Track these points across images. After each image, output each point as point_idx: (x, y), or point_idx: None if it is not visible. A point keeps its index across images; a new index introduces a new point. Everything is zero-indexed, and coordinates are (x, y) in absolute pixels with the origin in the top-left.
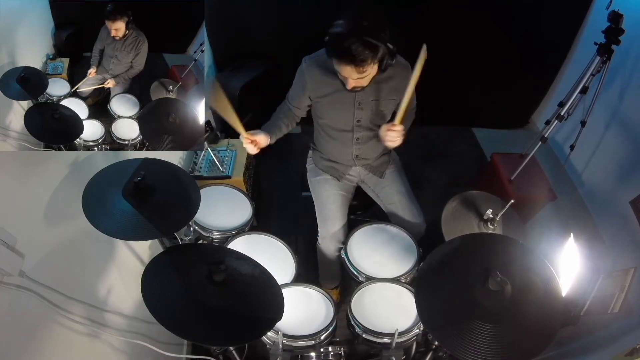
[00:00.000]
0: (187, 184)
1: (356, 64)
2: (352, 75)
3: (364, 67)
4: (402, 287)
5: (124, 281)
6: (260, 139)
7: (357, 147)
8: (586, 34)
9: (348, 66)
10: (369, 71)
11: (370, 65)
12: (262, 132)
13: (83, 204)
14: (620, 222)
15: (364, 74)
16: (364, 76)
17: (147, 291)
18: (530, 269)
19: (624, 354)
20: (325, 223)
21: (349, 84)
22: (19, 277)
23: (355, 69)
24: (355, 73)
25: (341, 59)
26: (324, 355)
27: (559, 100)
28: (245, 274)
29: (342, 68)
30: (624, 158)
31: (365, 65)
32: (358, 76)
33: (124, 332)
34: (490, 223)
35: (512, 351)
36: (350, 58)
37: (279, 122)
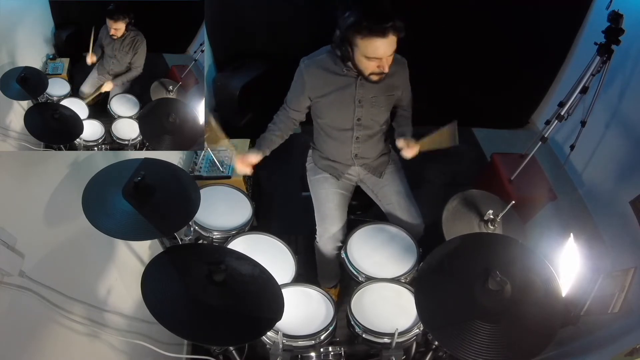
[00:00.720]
0: (187, 184)
1: (396, 29)
2: (389, 50)
3: (399, 36)
4: (402, 287)
5: (124, 281)
6: (251, 159)
7: (356, 145)
8: (586, 34)
9: (388, 37)
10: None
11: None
12: (252, 153)
13: (83, 204)
14: (620, 222)
15: (395, 44)
16: (393, 53)
17: (147, 291)
18: (530, 269)
19: (624, 354)
20: (323, 222)
21: (386, 65)
22: (19, 277)
23: (394, 34)
24: (392, 45)
25: (379, 32)
26: (324, 355)
27: (559, 100)
28: (245, 274)
29: (380, 45)
30: (624, 158)
31: (400, 28)
32: (393, 48)
33: (124, 332)
34: (490, 223)
35: (512, 351)
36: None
37: (272, 137)
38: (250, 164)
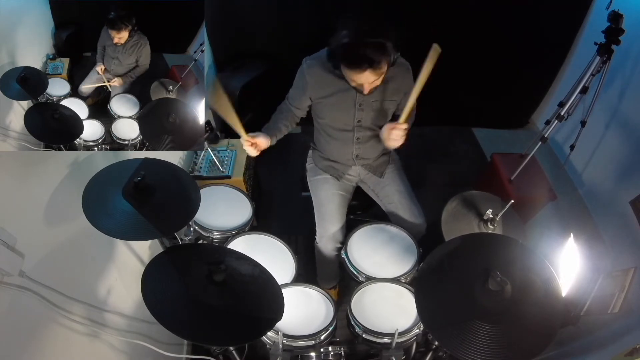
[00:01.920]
0: (187, 184)
1: (374, 68)
2: (369, 80)
3: (380, 69)
4: (402, 287)
5: (124, 281)
6: (260, 141)
7: (357, 146)
8: (586, 34)
9: (365, 72)
10: (383, 71)
11: (384, 65)
12: (262, 135)
13: (83, 204)
14: (620, 222)
15: (378, 74)
16: (380, 76)
17: (147, 291)
18: (530, 269)
19: (624, 354)
20: (323, 222)
21: (365, 89)
22: (19, 277)
23: (372, 72)
24: (372, 76)
25: (359, 67)
26: (324, 355)
27: (559, 100)
28: (245, 274)
29: (358, 76)
30: (624, 158)
31: (382, 65)
32: (374, 79)
33: (124, 332)
34: (490, 223)
35: (512, 351)
36: (369, 63)
37: (279, 124)
38: (259, 146)
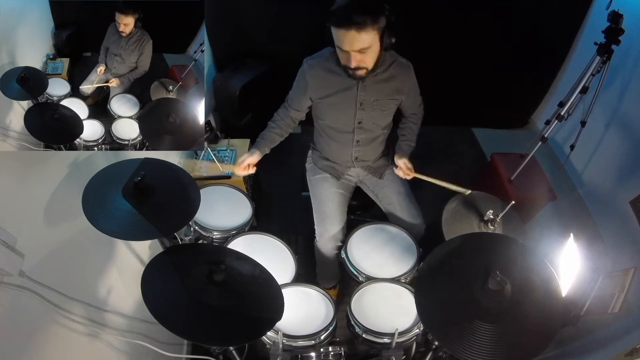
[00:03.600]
0: (187, 184)
1: (359, 28)
2: (354, 45)
3: (365, 30)
4: (402, 287)
5: (124, 281)
6: (252, 160)
7: (357, 148)
8: (586, 34)
9: (349, 32)
10: (370, 41)
11: (371, 32)
12: (250, 155)
13: (83, 204)
14: (620, 222)
15: (365, 42)
16: (365, 46)
17: (147, 291)
18: (530, 269)
19: (624, 354)
20: (323, 222)
21: (352, 60)
22: (19, 277)
23: (356, 33)
24: (356, 41)
25: (342, 24)
26: (324, 355)
27: (559, 100)
28: (245, 274)
29: (343, 38)
30: (624, 158)
31: (366, 27)
32: (360, 46)
33: (124, 332)
34: (490, 224)
35: (512, 351)
36: (354, 21)
37: (272, 135)
38: (251, 165)
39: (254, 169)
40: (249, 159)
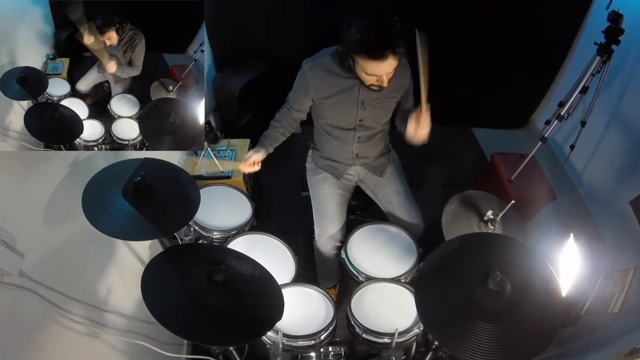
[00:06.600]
0: (187, 184)
1: (395, 53)
2: (389, 69)
3: (399, 54)
4: (402, 287)
5: (124, 281)
6: (257, 157)
7: (357, 145)
8: (586, 34)
9: (387, 60)
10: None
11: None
12: (256, 152)
13: (83, 204)
14: (620, 222)
15: (395, 63)
16: (396, 66)
17: (147, 291)
18: (530, 269)
19: (624, 354)
20: (322, 222)
21: (385, 81)
22: (19, 277)
23: (393, 59)
24: (393, 64)
25: (381, 54)
26: (324, 355)
27: (559, 100)
28: (245, 274)
29: (379, 66)
30: (624, 158)
31: (401, 49)
32: (395, 66)
33: (124, 332)
34: (490, 223)
35: (512, 351)
36: (391, 48)
37: (276, 134)
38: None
39: (259, 165)
40: (255, 156)
